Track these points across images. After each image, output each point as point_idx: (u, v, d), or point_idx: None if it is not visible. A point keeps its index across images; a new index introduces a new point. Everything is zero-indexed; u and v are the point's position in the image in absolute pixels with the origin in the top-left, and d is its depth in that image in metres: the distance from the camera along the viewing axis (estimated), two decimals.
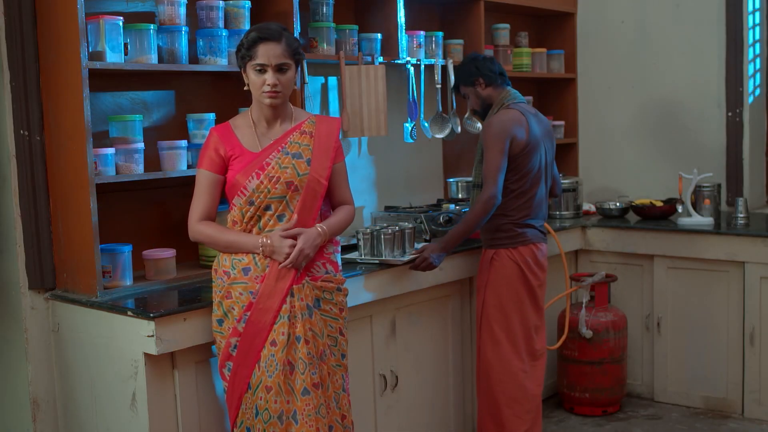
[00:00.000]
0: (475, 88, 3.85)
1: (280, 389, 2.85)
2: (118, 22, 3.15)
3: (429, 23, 4.71)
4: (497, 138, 3.64)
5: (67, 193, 3.16)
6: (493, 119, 3.70)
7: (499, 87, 3.85)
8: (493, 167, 3.62)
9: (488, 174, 3.62)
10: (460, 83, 3.92)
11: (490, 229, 3.76)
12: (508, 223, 3.72)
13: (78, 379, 3.20)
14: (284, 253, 2.85)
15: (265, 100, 2.92)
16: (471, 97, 3.90)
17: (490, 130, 3.68)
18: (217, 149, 2.96)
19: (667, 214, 4.84)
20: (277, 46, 2.88)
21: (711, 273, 4.52)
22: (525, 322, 3.74)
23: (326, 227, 2.96)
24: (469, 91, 3.89)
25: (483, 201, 3.61)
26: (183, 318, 2.94)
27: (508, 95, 3.82)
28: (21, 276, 3.21)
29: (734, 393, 4.51)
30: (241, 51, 2.93)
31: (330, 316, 3.00)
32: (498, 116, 3.71)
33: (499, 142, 3.63)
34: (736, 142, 4.94)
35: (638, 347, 4.80)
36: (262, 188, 2.90)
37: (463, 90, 3.93)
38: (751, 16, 4.91)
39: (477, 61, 3.87)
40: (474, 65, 3.85)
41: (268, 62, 2.88)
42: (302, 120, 3.04)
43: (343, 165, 3.10)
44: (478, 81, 3.83)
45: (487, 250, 3.79)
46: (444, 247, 3.70)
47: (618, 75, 5.36)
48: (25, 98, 3.18)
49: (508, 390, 3.71)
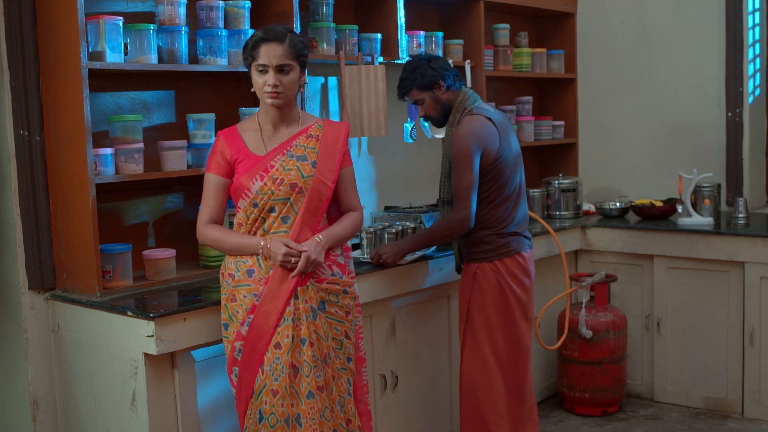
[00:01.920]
0: (434, 93, 3.50)
1: (286, 392, 2.83)
2: (118, 22, 3.14)
3: (429, 23, 4.72)
4: (466, 153, 3.36)
5: (67, 193, 3.16)
6: (459, 131, 3.40)
7: (456, 89, 3.53)
8: (464, 185, 3.36)
9: (459, 192, 3.38)
10: (414, 88, 3.52)
11: (470, 242, 3.52)
12: (490, 234, 3.48)
13: (78, 379, 3.20)
14: (278, 260, 2.84)
15: (267, 100, 2.92)
16: (426, 102, 3.53)
17: (457, 144, 3.38)
18: (224, 153, 2.96)
19: (666, 214, 4.84)
20: (279, 47, 2.88)
21: (711, 273, 4.52)
22: (517, 339, 3.54)
23: (324, 237, 2.94)
24: (426, 96, 3.51)
25: (453, 220, 3.41)
26: (183, 318, 2.94)
27: (467, 97, 3.51)
28: (21, 276, 3.21)
29: (734, 393, 4.51)
30: (245, 53, 2.94)
31: (335, 318, 2.99)
32: (464, 127, 3.40)
33: (468, 158, 3.36)
34: (736, 142, 4.94)
35: (638, 347, 4.80)
36: (266, 190, 2.89)
37: (415, 96, 3.54)
38: (750, 16, 4.91)
39: (432, 62, 3.51)
40: (429, 67, 3.49)
41: (269, 63, 2.88)
42: (309, 124, 3.04)
43: (350, 170, 3.09)
44: (438, 84, 3.49)
45: (470, 264, 3.54)
46: (402, 249, 3.56)
47: (618, 75, 5.36)
48: (25, 98, 3.18)
49: (496, 408, 3.51)
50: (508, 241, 3.50)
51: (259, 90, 2.92)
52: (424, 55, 3.59)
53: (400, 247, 3.57)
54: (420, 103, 3.55)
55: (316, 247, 2.89)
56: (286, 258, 2.83)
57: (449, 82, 3.50)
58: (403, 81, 3.55)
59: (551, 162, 5.59)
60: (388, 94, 4.20)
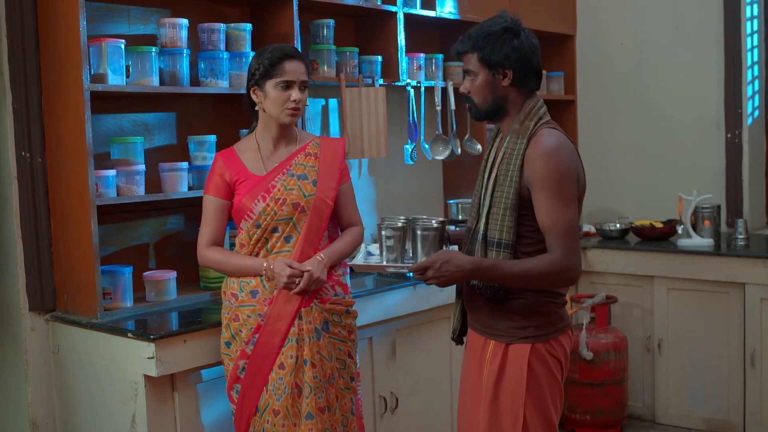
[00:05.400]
0: (495, 78, 2.57)
1: (288, 413, 2.84)
2: (120, 45, 3.16)
3: (429, 45, 4.74)
4: (570, 178, 2.49)
5: (68, 215, 3.16)
6: (552, 147, 2.48)
7: (525, 92, 2.61)
8: (570, 221, 2.47)
9: (564, 231, 2.46)
10: (477, 56, 2.57)
11: (522, 312, 2.56)
12: (549, 302, 2.58)
13: (78, 400, 3.19)
14: (282, 282, 2.85)
15: (286, 118, 2.92)
16: (479, 82, 2.58)
17: (556, 163, 2.46)
18: (222, 175, 2.96)
19: (667, 235, 4.85)
20: (301, 64, 2.92)
21: (711, 294, 4.51)
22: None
23: (325, 255, 2.94)
24: (483, 74, 2.57)
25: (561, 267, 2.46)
26: (183, 340, 2.93)
27: (541, 105, 2.62)
28: (21, 297, 3.21)
29: (736, 415, 4.49)
30: (260, 69, 2.91)
31: (338, 338, 2.99)
32: (555, 142, 2.49)
33: (571, 184, 2.49)
34: (736, 164, 4.95)
35: (639, 369, 4.79)
36: (269, 211, 2.90)
37: (471, 65, 2.60)
38: (749, 38, 4.93)
39: (517, 39, 2.55)
40: (510, 45, 2.54)
41: (296, 78, 2.89)
42: (307, 142, 3.05)
43: (349, 186, 3.10)
44: (506, 73, 2.57)
45: (518, 346, 2.55)
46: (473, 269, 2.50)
47: (617, 96, 5.38)
48: (27, 120, 3.19)
49: None
50: (564, 310, 2.66)
51: (278, 106, 2.91)
52: (515, 23, 2.58)
53: (467, 269, 2.49)
54: (471, 75, 2.61)
55: (318, 266, 2.89)
56: (290, 279, 2.84)
57: (522, 78, 2.57)
58: (469, 38, 2.61)
59: None
60: (389, 115, 4.21)
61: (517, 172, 2.50)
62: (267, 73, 2.90)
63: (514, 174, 2.50)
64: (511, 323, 2.57)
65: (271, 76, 2.90)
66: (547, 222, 2.47)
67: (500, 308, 2.58)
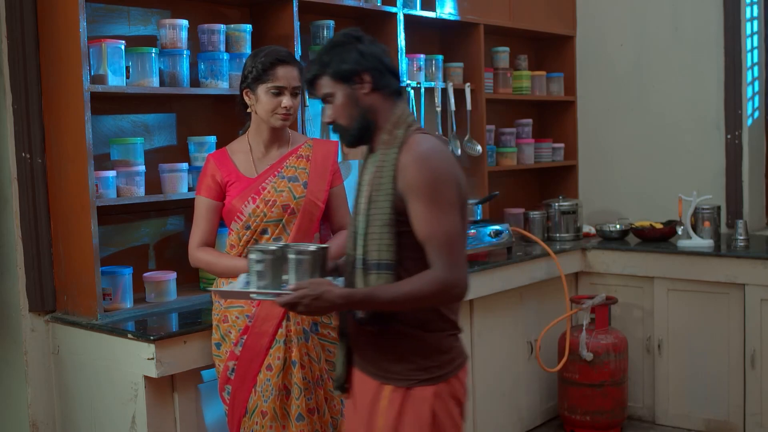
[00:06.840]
0: (353, 89, 2.33)
1: (275, 414, 2.83)
2: (120, 46, 3.17)
3: (429, 47, 4.74)
4: (448, 184, 2.24)
5: (68, 216, 3.16)
6: (425, 153, 2.24)
7: (389, 96, 2.37)
8: (451, 231, 2.22)
9: (446, 243, 2.20)
10: (327, 75, 2.34)
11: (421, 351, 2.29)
12: (448, 336, 2.33)
13: (78, 401, 3.19)
14: None
15: (277, 122, 2.91)
16: (339, 101, 2.34)
17: (430, 170, 2.22)
18: (214, 176, 2.96)
19: (666, 236, 4.85)
20: (293, 70, 2.90)
21: (711, 295, 4.51)
22: None
23: None
24: (339, 91, 2.33)
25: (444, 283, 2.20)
26: (183, 341, 2.94)
27: (408, 113, 2.38)
28: (21, 298, 3.21)
29: (736, 416, 4.49)
30: (253, 72, 2.90)
31: (328, 340, 2.97)
32: (428, 146, 2.26)
33: (450, 190, 2.24)
34: (736, 164, 4.95)
35: (639, 369, 4.79)
36: (258, 212, 2.90)
37: (325, 88, 2.35)
38: (749, 38, 4.93)
39: (363, 44, 2.34)
40: (356, 50, 2.32)
41: (287, 84, 2.88)
42: (299, 144, 3.04)
43: (341, 188, 3.08)
44: (362, 78, 2.33)
45: (419, 389, 2.28)
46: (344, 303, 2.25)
47: (617, 97, 5.38)
48: (27, 121, 3.19)
49: None
50: (461, 342, 2.38)
51: (268, 111, 2.91)
52: (361, 34, 2.37)
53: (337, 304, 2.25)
54: (329, 99, 2.36)
55: None
56: None
57: (381, 80, 2.34)
58: (313, 62, 2.38)
59: (551, 184, 5.59)
60: None
61: (390, 183, 2.24)
62: (259, 77, 2.89)
63: (388, 186, 2.25)
64: (409, 365, 2.28)
65: (263, 81, 2.88)
66: (425, 233, 2.21)
67: (396, 348, 2.29)
